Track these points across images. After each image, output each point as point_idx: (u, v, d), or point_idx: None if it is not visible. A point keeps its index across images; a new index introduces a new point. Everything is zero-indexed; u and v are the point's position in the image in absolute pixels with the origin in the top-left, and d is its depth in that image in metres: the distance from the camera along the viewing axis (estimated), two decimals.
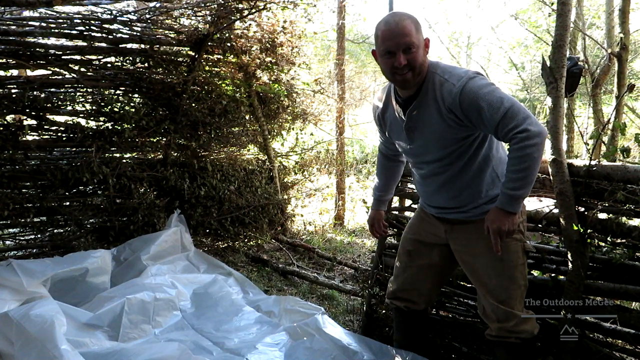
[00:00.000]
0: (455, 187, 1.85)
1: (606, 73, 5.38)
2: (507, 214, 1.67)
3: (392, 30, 1.64)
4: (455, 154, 1.77)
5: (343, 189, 6.46)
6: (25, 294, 2.55)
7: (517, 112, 1.58)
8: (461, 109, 1.63)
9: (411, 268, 2.12)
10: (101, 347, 2.27)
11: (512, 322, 1.83)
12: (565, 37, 1.93)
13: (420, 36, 1.67)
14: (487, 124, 1.62)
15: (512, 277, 1.83)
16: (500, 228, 1.67)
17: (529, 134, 1.56)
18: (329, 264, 4.33)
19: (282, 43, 4.49)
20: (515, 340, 1.85)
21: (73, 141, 3.47)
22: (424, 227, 2.10)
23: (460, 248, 1.95)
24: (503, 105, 1.58)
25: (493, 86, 1.64)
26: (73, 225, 3.53)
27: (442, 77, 1.69)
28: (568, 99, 2.20)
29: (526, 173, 1.60)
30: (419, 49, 1.66)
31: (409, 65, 1.65)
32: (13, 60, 3.22)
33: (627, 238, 1.91)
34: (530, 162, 1.58)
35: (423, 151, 1.84)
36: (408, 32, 1.63)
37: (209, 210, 4.23)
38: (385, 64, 1.69)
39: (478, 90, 1.61)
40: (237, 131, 4.61)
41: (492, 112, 1.59)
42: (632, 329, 1.92)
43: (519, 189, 1.63)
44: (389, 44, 1.65)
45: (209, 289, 3.11)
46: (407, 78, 1.67)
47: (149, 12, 3.57)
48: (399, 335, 2.30)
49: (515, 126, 1.57)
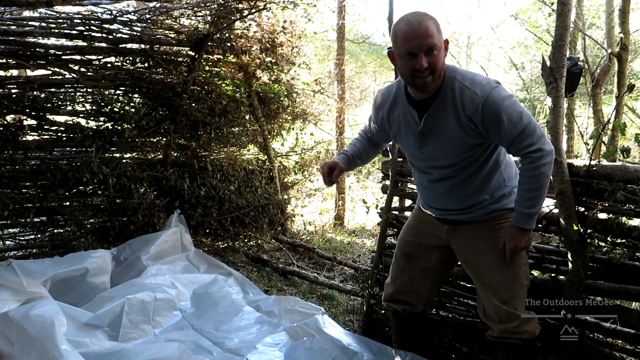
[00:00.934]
0: (463, 191, 1.83)
1: (606, 73, 5.38)
2: (523, 231, 1.73)
3: (415, 31, 1.56)
4: (468, 160, 1.76)
5: (343, 189, 6.47)
6: (25, 294, 2.55)
7: (533, 130, 1.60)
8: (482, 119, 1.61)
9: (409, 270, 2.10)
10: (101, 347, 2.27)
11: (514, 323, 1.82)
12: (565, 37, 1.93)
13: (442, 37, 1.61)
14: (502, 137, 1.63)
15: (516, 277, 1.83)
16: (517, 246, 1.74)
17: (542, 154, 1.60)
18: (329, 264, 4.33)
19: (282, 43, 4.49)
20: (516, 341, 1.85)
21: (73, 141, 3.47)
22: (423, 229, 2.08)
23: (463, 248, 1.94)
24: (522, 121, 1.59)
25: (513, 98, 1.63)
26: (73, 225, 3.53)
27: (462, 84, 1.64)
28: (568, 99, 2.20)
29: (540, 192, 1.65)
30: (441, 51, 1.60)
31: (430, 68, 1.58)
32: (13, 60, 3.22)
33: (627, 238, 1.91)
34: (544, 180, 1.63)
35: (434, 156, 1.80)
36: (431, 33, 1.56)
37: (209, 210, 4.23)
38: (406, 65, 1.62)
39: (501, 102, 1.59)
40: (237, 131, 4.61)
41: (510, 127, 1.59)
42: (632, 329, 1.92)
43: (534, 206, 1.68)
44: (411, 44, 1.57)
45: (209, 289, 3.11)
46: (427, 82, 1.61)
47: (149, 12, 3.57)
48: (397, 337, 2.29)
49: (531, 144, 1.60)
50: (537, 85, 10.40)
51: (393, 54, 1.68)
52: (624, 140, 5.96)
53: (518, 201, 1.71)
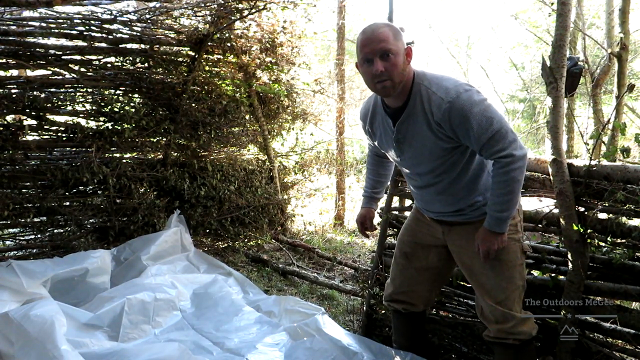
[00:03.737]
0: (452, 195, 1.83)
1: (606, 73, 5.38)
2: (495, 234, 1.73)
3: (369, 38, 1.61)
4: (447, 163, 1.75)
5: (343, 189, 6.46)
6: (25, 295, 2.55)
7: (504, 136, 1.59)
8: (450, 124, 1.62)
9: (409, 270, 2.11)
10: (101, 347, 2.27)
11: (510, 323, 1.82)
12: (565, 37, 1.93)
13: (400, 44, 1.63)
14: (472, 142, 1.63)
15: (510, 278, 1.83)
16: (490, 248, 1.75)
17: (513, 159, 1.60)
18: (329, 264, 4.33)
19: (282, 43, 4.49)
20: (513, 341, 1.85)
21: (73, 141, 3.47)
22: (420, 229, 2.09)
23: (459, 249, 1.94)
24: (492, 126, 1.58)
25: (483, 103, 1.61)
26: (73, 225, 3.53)
27: (429, 89, 1.65)
28: (568, 99, 2.21)
29: (511, 196, 1.65)
30: (398, 56, 1.61)
31: (387, 71, 1.60)
32: (13, 60, 3.22)
33: (627, 238, 1.91)
34: (515, 185, 1.64)
35: (414, 163, 1.82)
36: (384, 38, 1.59)
37: (209, 210, 4.23)
38: (365, 72, 1.66)
39: (469, 108, 1.58)
40: (237, 131, 4.61)
41: (480, 133, 1.58)
42: (632, 329, 1.92)
43: (505, 210, 1.69)
44: (366, 50, 1.61)
45: (209, 289, 3.11)
46: (386, 86, 1.63)
47: (149, 12, 3.56)
48: (398, 337, 2.30)
49: (501, 149, 1.60)
50: (537, 85, 10.40)
51: (358, 65, 1.70)
52: (624, 140, 5.97)
53: (489, 205, 1.72)
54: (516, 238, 1.84)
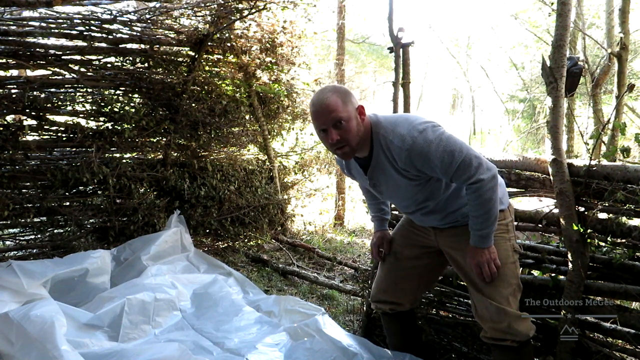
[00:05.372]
0: (439, 213, 1.89)
1: (606, 73, 5.38)
2: (481, 249, 1.78)
3: (317, 111, 1.67)
4: (426, 192, 1.81)
5: (343, 189, 6.46)
6: (25, 296, 2.54)
7: (469, 164, 1.64)
8: (414, 167, 1.68)
9: (397, 268, 2.12)
10: (101, 347, 2.27)
11: (504, 322, 1.80)
12: (565, 37, 1.93)
13: (350, 107, 1.68)
14: (441, 176, 1.71)
15: (502, 275, 1.83)
16: (480, 262, 1.78)
17: (482, 183, 1.66)
18: (329, 264, 4.33)
19: (282, 43, 4.49)
20: (511, 343, 1.83)
21: (73, 141, 3.47)
22: (411, 229, 2.11)
23: (451, 248, 1.96)
24: (454, 159, 1.63)
25: (440, 138, 1.64)
26: (73, 226, 3.53)
27: (387, 138, 1.70)
28: (568, 98, 2.20)
29: (488, 215, 1.71)
30: (350, 121, 1.66)
31: (343, 139, 1.67)
32: (13, 60, 3.22)
33: (627, 238, 1.91)
34: (490, 204, 1.70)
35: (396, 199, 1.91)
36: (334, 108, 1.64)
37: (209, 210, 4.23)
38: (323, 140, 1.73)
39: (427, 149, 1.63)
40: (237, 131, 4.61)
41: (444, 167, 1.65)
42: (632, 329, 1.92)
43: (485, 228, 1.74)
44: (319, 122, 1.68)
45: (209, 289, 3.11)
46: (345, 152, 1.71)
47: (149, 12, 3.56)
48: (390, 338, 2.31)
49: (468, 177, 1.66)
50: (537, 85, 10.40)
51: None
52: (624, 140, 5.97)
53: (470, 225, 1.78)
54: (506, 237, 1.88)
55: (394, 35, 3.12)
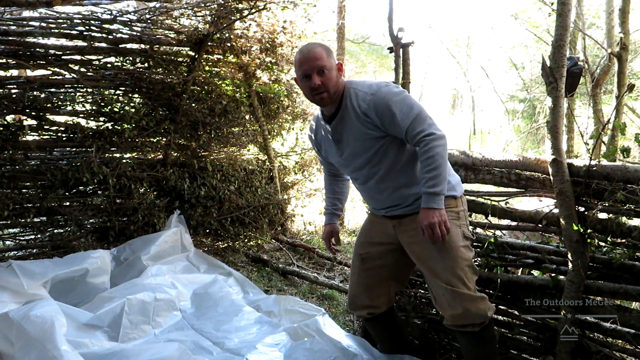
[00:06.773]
0: (392, 184, 1.96)
1: (606, 73, 5.37)
2: (433, 210, 1.82)
3: (306, 57, 1.87)
4: (379, 152, 1.92)
5: None
6: (25, 296, 2.54)
7: (424, 118, 1.82)
8: (375, 113, 1.84)
9: (365, 272, 2.17)
10: (101, 347, 2.27)
11: (460, 307, 1.87)
12: (565, 37, 1.93)
13: (332, 60, 1.90)
14: (397, 127, 1.83)
15: (455, 258, 1.89)
16: (431, 222, 1.82)
17: (435, 136, 1.80)
18: (329, 264, 4.33)
19: (282, 43, 4.49)
20: (472, 328, 1.91)
21: (73, 141, 3.47)
22: (373, 228, 2.18)
23: (408, 239, 2.01)
24: (412, 111, 1.82)
25: (402, 94, 1.86)
26: (73, 226, 3.52)
27: (356, 89, 1.91)
28: (568, 99, 2.20)
29: (439, 171, 1.80)
30: (331, 71, 1.88)
31: (324, 85, 1.86)
32: (13, 60, 3.22)
33: (627, 238, 1.91)
34: (440, 160, 1.80)
35: (352, 158, 1.99)
36: (319, 57, 1.86)
37: (209, 210, 4.23)
38: (305, 86, 1.91)
39: (391, 97, 1.83)
40: (237, 131, 4.61)
41: (402, 117, 1.81)
42: (632, 329, 1.92)
43: (436, 185, 1.81)
44: (304, 67, 1.87)
45: (209, 289, 3.11)
46: (324, 97, 1.89)
47: (149, 12, 3.56)
48: (379, 342, 2.36)
49: (422, 130, 1.80)
50: (537, 85, 10.40)
51: (297, 79, 1.96)
52: (624, 140, 5.96)
53: (422, 185, 1.85)
54: (457, 223, 1.95)
55: (394, 35, 3.12)
